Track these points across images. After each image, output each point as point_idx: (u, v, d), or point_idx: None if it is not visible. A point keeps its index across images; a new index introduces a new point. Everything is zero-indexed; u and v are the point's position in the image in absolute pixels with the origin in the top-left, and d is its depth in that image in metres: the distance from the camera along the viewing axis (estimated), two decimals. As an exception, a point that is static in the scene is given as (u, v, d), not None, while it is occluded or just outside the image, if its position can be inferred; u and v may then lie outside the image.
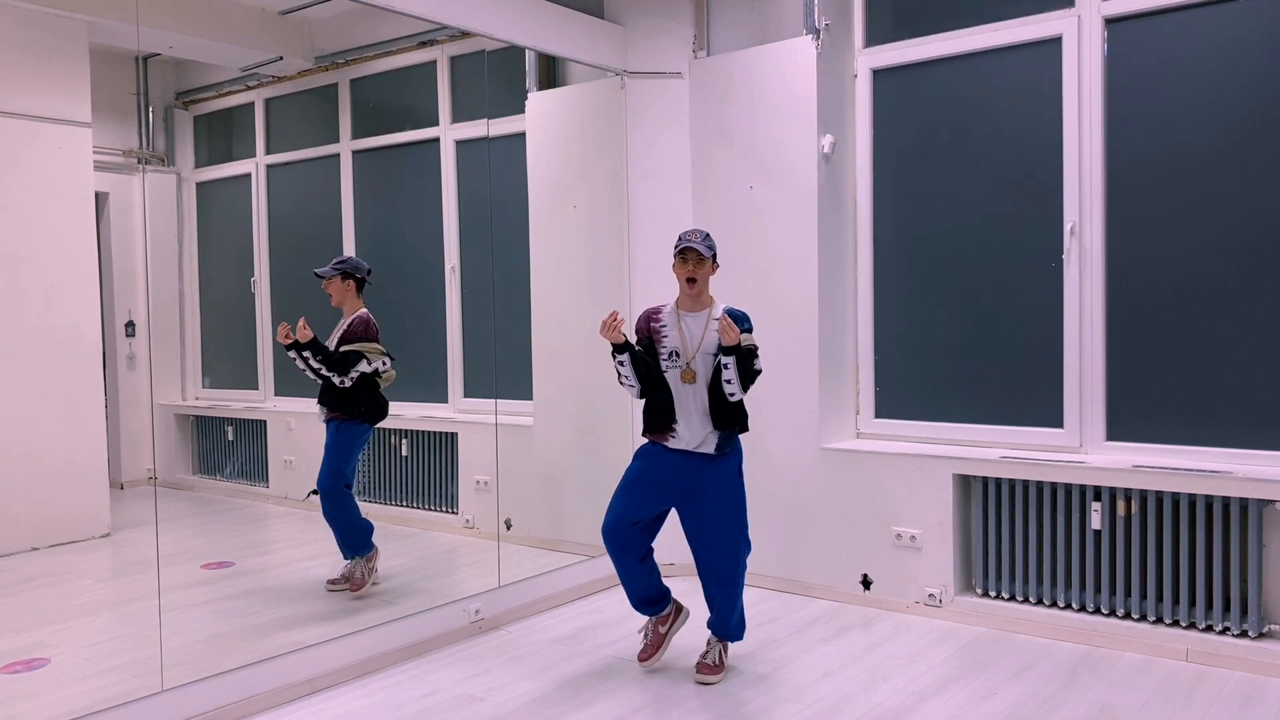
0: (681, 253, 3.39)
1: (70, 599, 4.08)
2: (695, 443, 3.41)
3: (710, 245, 3.41)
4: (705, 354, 3.39)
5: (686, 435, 3.41)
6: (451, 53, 5.09)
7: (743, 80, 4.60)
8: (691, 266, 3.38)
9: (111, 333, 4.72)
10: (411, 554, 4.72)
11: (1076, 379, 4.00)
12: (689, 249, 3.37)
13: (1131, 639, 3.69)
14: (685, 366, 3.38)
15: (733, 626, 3.55)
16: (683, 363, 3.39)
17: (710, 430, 3.40)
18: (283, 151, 5.27)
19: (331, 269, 4.23)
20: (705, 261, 3.40)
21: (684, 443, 3.42)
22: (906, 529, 4.20)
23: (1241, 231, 3.65)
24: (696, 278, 3.38)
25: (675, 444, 3.43)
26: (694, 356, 3.38)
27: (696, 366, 3.37)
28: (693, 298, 3.43)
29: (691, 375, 3.37)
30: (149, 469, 4.88)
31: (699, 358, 3.38)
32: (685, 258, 3.39)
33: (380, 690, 3.44)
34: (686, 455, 3.42)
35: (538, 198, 5.05)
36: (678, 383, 3.40)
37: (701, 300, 3.45)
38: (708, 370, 3.38)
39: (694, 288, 3.40)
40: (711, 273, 3.45)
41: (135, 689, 3.06)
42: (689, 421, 3.40)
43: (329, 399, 4.19)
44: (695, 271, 3.38)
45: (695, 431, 3.40)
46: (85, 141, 4.39)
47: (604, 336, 3.33)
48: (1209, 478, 3.53)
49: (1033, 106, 4.08)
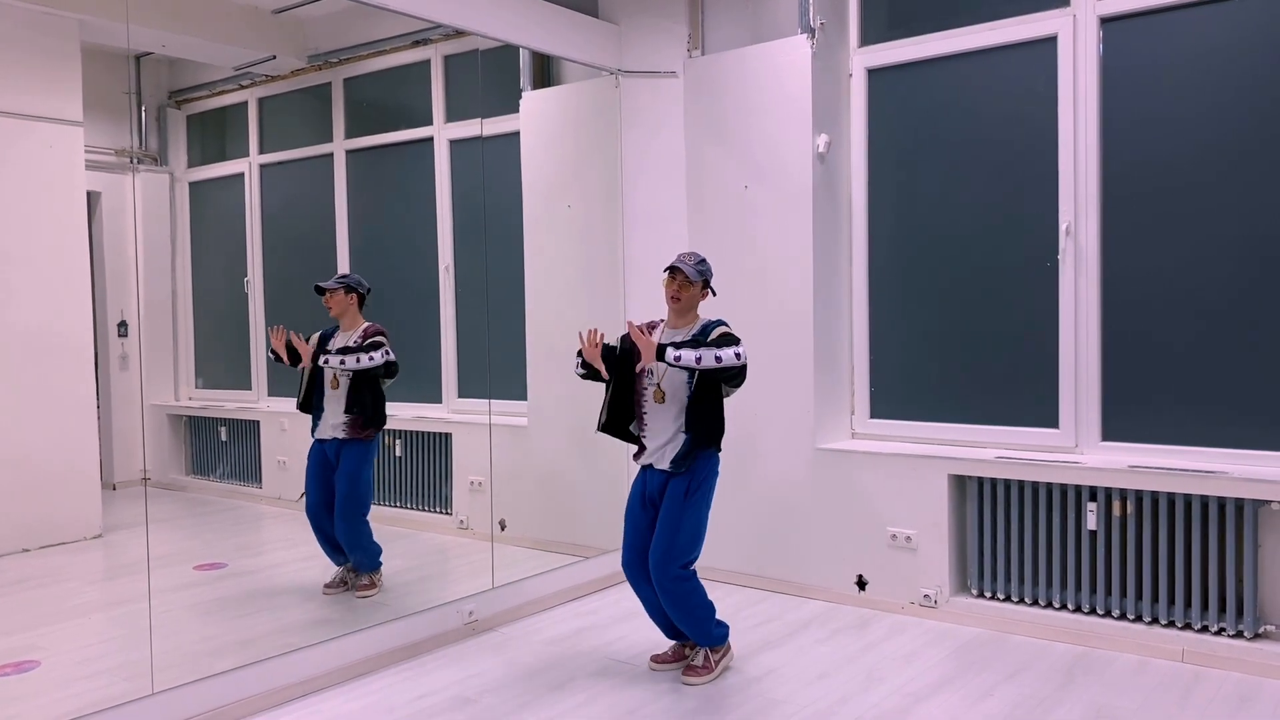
0: (670, 271, 3.44)
1: (61, 601, 4.06)
2: (657, 458, 3.48)
3: (703, 270, 3.45)
4: (677, 372, 3.40)
5: (652, 450, 3.49)
6: (445, 52, 5.08)
7: (737, 79, 4.59)
8: (676, 286, 3.43)
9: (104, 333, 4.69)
10: (405, 555, 4.70)
11: (1072, 379, 3.99)
12: (676, 268, 3.42)
13: (1127, 639, 3.69)
14: (656, 386, 3.44)
15: (696, 631, 3.52)
16: (655, 382, 3.44)
17: (672, 445, 3.42)
18: (276, 151, 5.26)
19: (335, 282, 4.23)
20: (691, 284, 3.44)
21: (650, 458, 3.51)
22: (901, 529, 4.19)
23: (1237, 232, 3.64)
24: (681, 297, 3.43)
25: (643, 460, 3.54)
26: (663, 376, 3.42)
27: (666, 386, 3.42)
28: (677, 315, 3.48)
29: (660, 395, 3.43)
30: (141, 470, 4.87)
31: (669, 377, 3.41)
32: (673, 276, 3.44)
33: (374, 692, 3.42)
34: (652, 471, 3.51)
35: (532, 197, 5.03)
36: (650, 401, 3.46)
37: (686, 319, 3.49)
38: (677, 390, 3.41)
39: (677, 305, 3.45)
40: (702, 297, 3.49)
41: (126, 691, 3.04)
42: (655, 438, 3.47)
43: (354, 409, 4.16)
44: (679, 292, 3.43)
45: (660, 448, 3.46)
46: (77, 140, 4.37)
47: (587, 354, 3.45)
48: (1204, 478, 3.52)
49: (1028, 106, 4.07)
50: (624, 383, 3.50)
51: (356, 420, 4.17)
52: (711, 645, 3.55)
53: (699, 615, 3.49)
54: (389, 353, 4.17)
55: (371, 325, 4.23)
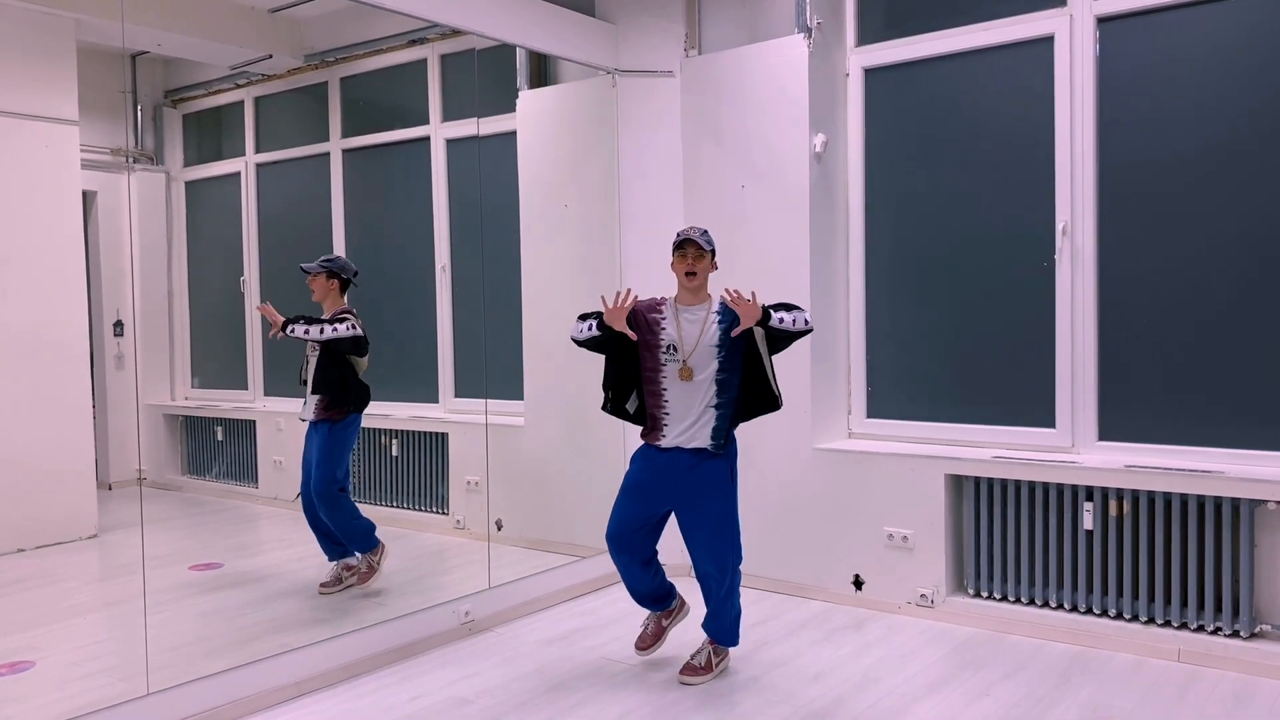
0: (680, 246, 3.39)
1: (56, 601, 4.05)
2: (687, 440, 3.37)
3: (709, 241, 3.42)
4: (705, 349, 3.35)
5: (678, 432, 3.38)
6: (442, 51, 5.07)
7: (734, 79, 4.58)
8: (691, 260, 3.37)
9: (99, 332, 4.69)
10: (401, 555, 4.69)
11: (1068, 379, 3.99)
12: (688, 241, 3.37)
13: (1123, 639, 3.69)
14: (683, 364, 3.36)
15: (725, 629, 3.53)
16: (680, 359, 3.36)
17: (706, 425, 3.36)
18: (272, 150, 5.25)
19: (318, 265, 4.21)
20: (705, 255, 3.39)
21: (675, 440, 3.38)
22: (898, 529, 4.19)
23: (1234, 232, 3.64)
24: (696, 271, 3.37)
25: (666, 443, 3.40)
26: (691, 353, 3.36)
27: (695, 363, 3.35)
28: (692, 292, 3.42)
29: (688, 372, 3.34)
30: (137, 470, 4.86)
31: (697, 354, 3.36)
32: (685, 251, 3.38)
33: (369, 693, 3.41)
34: (678, 453, 3.39)
35: (528, 197, 5.03)
36: (674, 378, 3.37)
37: (700, 296, 3.43)
38: (705, 367, 3.35)
39: (693, 281, 3.39)
40: (711, 269, 3.44)
41: (121, 692, 3.03)
42: (681, 419, 3.37)
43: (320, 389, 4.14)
44: (694, 265, 3.37)
45: (688, 428, 3.37)
46: (73, 139, 4.37)
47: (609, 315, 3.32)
48: (1201, 478, 3.52)
49: (1025, 106, 4.07)
50: (626, 357, 3.44)
51: (324, 400, 4.16)
52: (731, 644, 3.56)
53: (740, 609, 3.53)
54: (354, 327, 4.09)
55: (342, 308, 4.20)
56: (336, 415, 4.17)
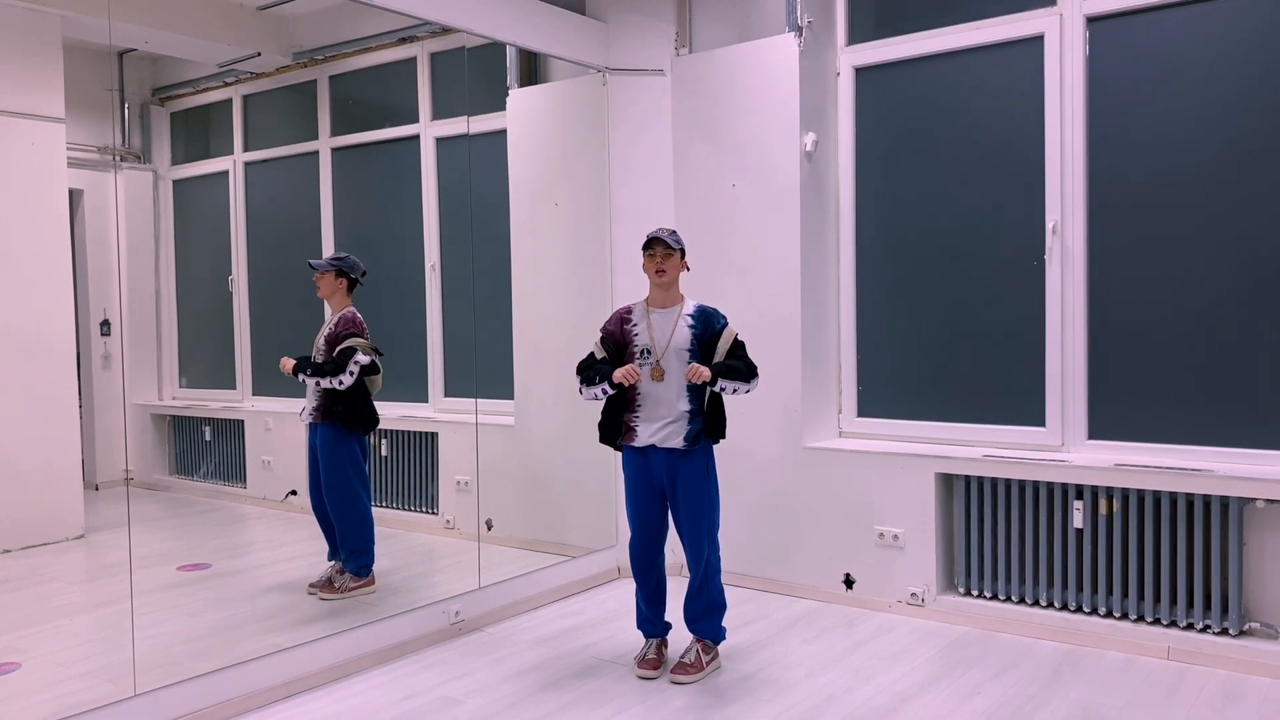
0: (649, 245, 3.42)
1: (42, 602, 4.02)
2: (661, 438, 3.42)
3: (678, 240, 3.45)
4: (677, 350, 3.39)
5: (650, 431, 3.43)
6: (432, 49, 5.05)
7: (725, 78, 4.58)
8: (660, 259, 3.41)
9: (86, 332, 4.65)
10: (391, 555, 4.68)
11: (1058, 377, 4.00)
12: (656, 240, 3.41)
13: (1113, 637, 3.70)
14: (655, 364, 3.39)
15: (703, 624, 3.54)
16: (653, 360, 3.40)
17: (678, 423, 3.39)
18: (261, 149, 5.22)
19: (327, 263, 4.20)
20: (673, 253, 3.42)
21: (648, 439, 3.43)
22: (889, 528, 4.19)
23: (1224, 231, 3.65)
24: (666, 269, 3.41)
25: (640, 441, 3.45)
26: (663, 354, 3.38)
27: (666, 364, 3.38)
28: (663, 290, 3.45)
29: (660, 373, 3.39)
30: (124, 470, 4.82)
31: (669, 355, 3.39)
32: (654, 251, 3.42)
33: (358, 693, 3.40)
34: (653, 451, 3.44)
35: (519, 195, 5.02)
36: (647, 379, 3.41)
37: (671, 295, 3.47)
38: (679, 367, 3.39)
39: (664, 279, 3.42)
40: (682, 268, 3.47)
41: (108, 694, 3.01)
42: (653, 418, 3.42)
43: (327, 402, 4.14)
44: (664, 263, 3.41)
45: (661, 427, 3.41)
46: (59, 137, 4.33)
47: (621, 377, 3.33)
48: (1190, 476, 3.53)
49: (1015, 105, 4.08)
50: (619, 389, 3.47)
51: (323, 405, 4.15)
52: (713, 639, 3.56)
53: (720, 602, 3.54)
54: (358, 362, 4.08)
55: (343, 317, 4.17)
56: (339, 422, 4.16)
